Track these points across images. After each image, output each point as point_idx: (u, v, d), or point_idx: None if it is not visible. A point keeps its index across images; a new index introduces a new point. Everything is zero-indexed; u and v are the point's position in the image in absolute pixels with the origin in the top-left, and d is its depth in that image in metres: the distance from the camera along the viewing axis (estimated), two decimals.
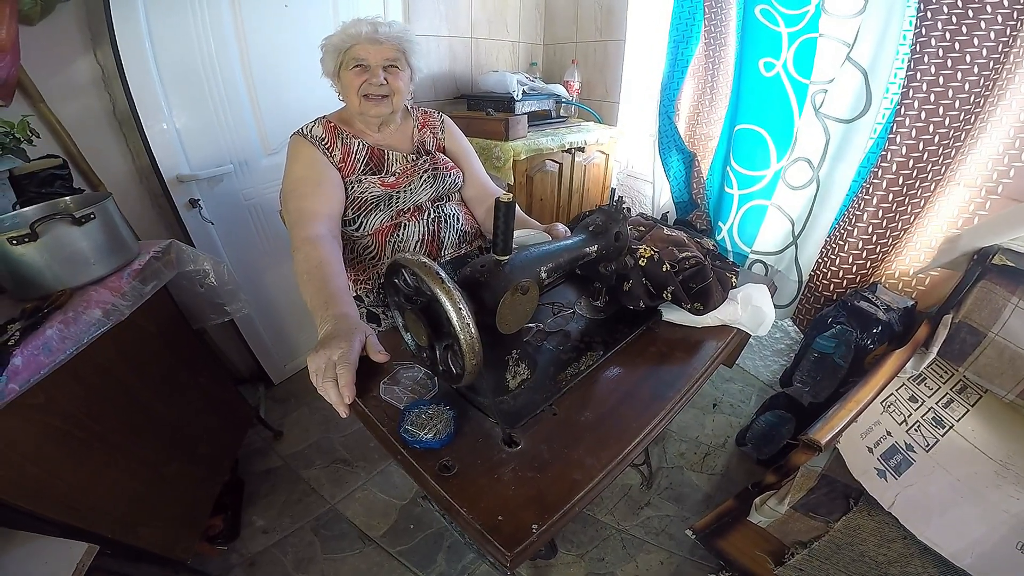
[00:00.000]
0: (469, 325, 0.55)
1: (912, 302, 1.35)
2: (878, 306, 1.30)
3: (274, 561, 1.29)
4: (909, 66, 1.22)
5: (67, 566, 0.85)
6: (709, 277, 0.88)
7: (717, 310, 0.89)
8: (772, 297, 0.97)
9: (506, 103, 1.90)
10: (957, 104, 1.18)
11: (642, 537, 1.35)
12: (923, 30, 1.18)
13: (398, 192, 1.10)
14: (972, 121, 1.18)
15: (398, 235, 1.11)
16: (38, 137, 1.10)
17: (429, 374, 0.76)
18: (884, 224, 1.39)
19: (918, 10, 1.18)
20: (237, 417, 1.51)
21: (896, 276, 1.43)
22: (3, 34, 0.99)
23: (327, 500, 1.46)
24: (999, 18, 1.08)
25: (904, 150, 1.28)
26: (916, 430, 1.14)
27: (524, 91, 1.93)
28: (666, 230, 1.05)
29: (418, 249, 1.12)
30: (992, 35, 1.10)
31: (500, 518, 0.54)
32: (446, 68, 2.14)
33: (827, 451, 1.06)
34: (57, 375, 0.85)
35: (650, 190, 2.16)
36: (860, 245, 1.45)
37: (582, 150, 2.05)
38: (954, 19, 1.13)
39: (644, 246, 0.90)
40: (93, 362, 0.95)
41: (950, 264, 1.29)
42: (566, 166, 2.04)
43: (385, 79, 1.06)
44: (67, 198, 1.06)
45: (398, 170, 1.13)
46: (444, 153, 1.25)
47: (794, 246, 1.59)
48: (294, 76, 1.57)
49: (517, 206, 0.80)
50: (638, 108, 2.26)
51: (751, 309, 0.90)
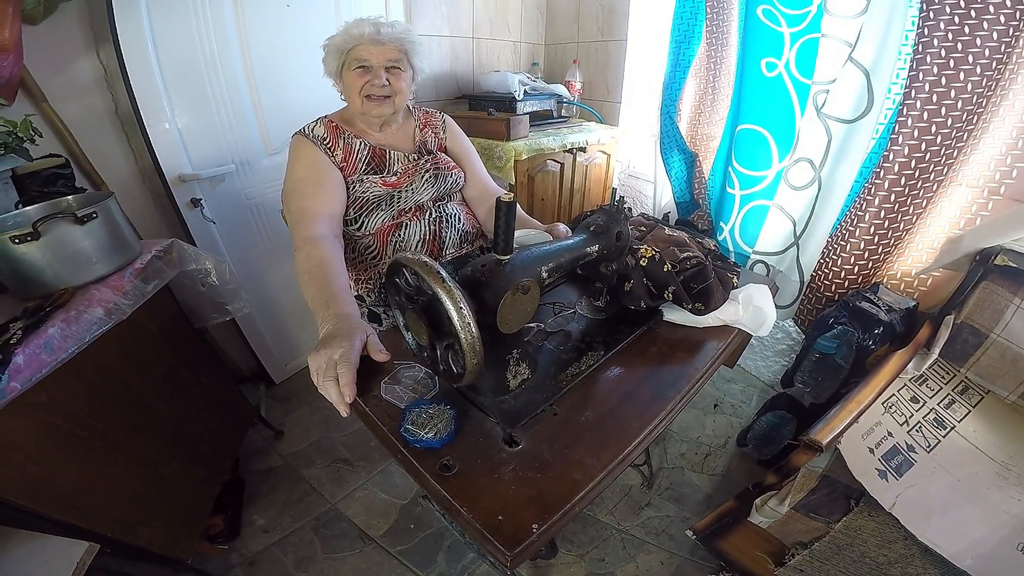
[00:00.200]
0: (470, 324, 0.55)
1: (914, 303, 1.35)
2: (880, 307, 1.30)
3: (274, 560, 1.29)
4: (911, 66, 1.22)
5: (67, 565, 0.86)
6: (710, 277, 0.88)
7: (718, 310, 0.88)
8: (773, 297, 0.97)
9: (508, 103, 1.90)
10: (959, 104, 1.18)
11: (642, 537, 1.35)
12: (925, 30, 1.18)
13: (399, 192, 1.10)
14: (974, 121, 1.18)
15: (399, 235, 1.11)
16: (41, 136, 1.11)
17: (430, 373, 0.76)
18: (886, 225, 1.39)
19: (920, 10, 1.17)
20: (238, 416, 1.51)
21: (898, 277, 1.43)
22: (6, 34, 0.99)
23: (327, 499, 1.46)
24: (1001, 18, 1.08)
25: (906, 150, 1.28)
26: (917, 431, 1.13)
27: (526, 91, 1.93)
28: (667, 230, 1.05)
29: (419, 249, 1.12)
30: (995, 35, 1.10)
31: (500, 518, 0.54)
32: (448, 68, 2.14)
33: (828, 452, 1.06)
34: (59, 374, 0.85)
35: (651, 190, 2.16)
36: (862, 246, 1.44)
37: (583, 150, 2.05)
38: (956, 19, 1.13)
39: (645, 246, 0.90)
40: (95, 361, 0.95)
41: (952, 265, 1.29)
42: (567, 166, 2.04)
43: (387, 80, 1.06)
44: (69, 197, 1.06)
45: (400, 170, 1.13)
46: (446, 153, 1.25)
47: (796, 246, 1.59)
48: (296, 76, 1.57)
49: (518, 206, 0.80)
50: (640, 108, 2.26)
51: (752, 309, 0.90)
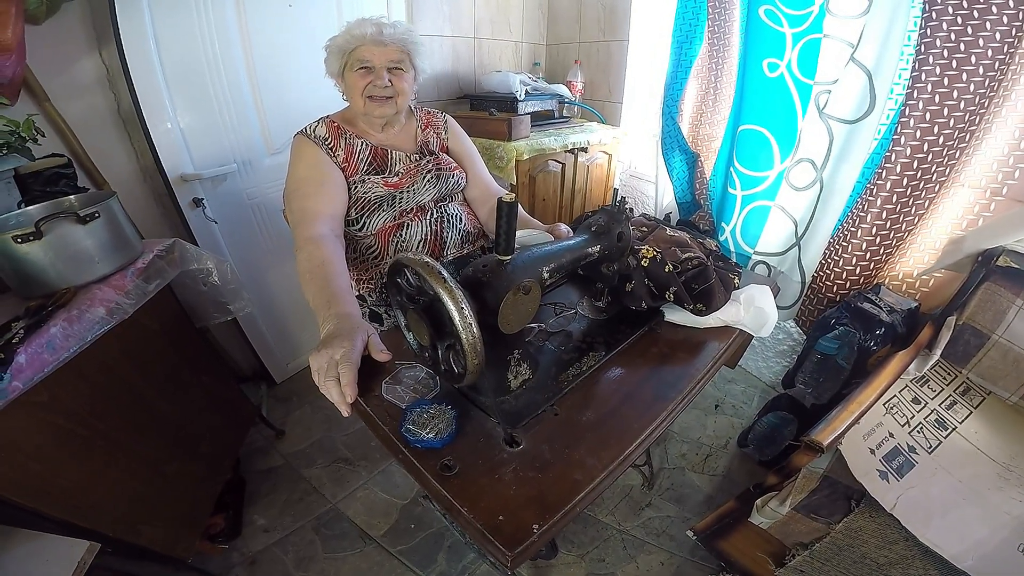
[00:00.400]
0: (471, 324, 0.56)
1: (916, 304, 1.35)
2: (881, 308, 1.30)
3: (275, 560, 1.29)
4: (913, 67, 1.22)
5: (68, 564, 0.86)
6: (712, 278, 0.88)
7: (720, 311, 0.88)
8: (775, 298, 0.97)
9: (509, 103, 1.90)
10: (962, 105, 1.18)
11: (643, 538, 1.35)
12: (928, 31, 1.17)
13: (401, 192, 1.10)
14: (977, 122, 1.18)
15: (401, 235, 1.11)
16: (43, 136, 1.11)
17: (431, 373, 0.76)
18: (888, 225, 1.38)
19: (922, 11, 1.17)
20: (239, 416, 1.51)
21: (900, 278, 1.42)
22: (9, 33, 0.99)
23: (328, 499, 1.46)
24: (1004, 19, 1.08)
25: (908, 151, 1.27)
26: (919, 432, 1.13)
27: (527, 91, 1.93)
28: (669, 231, 1.05)
29: (421, 249, 1.12)
30: (997, 36, 1.10)
31: (501, 518, 0.54)
32: (449, 68, 2.14)
33: (829, 452, 1.06)
34: (60, 373, 0.85)
35: (653, 191, 2.16)
36: (864, 246, 1.44)
37: (585, 150, 2.05)
38: (959, 20, 1.13)
39: (647, 246, 0.90)
40: (96, 360, 0.95)
41: (954, 266, 1.29)
42: (569, 166, 2.04)
43: (390, 80, 1.06)
44: (71, 197, 1.07)
45: (401, 170, 1.13)
46: (447, 153, 1.25)
47: (797, 247, 1.59)
48: (297, 76, 1.58)
49: (520, 206, 0.80)
50: (641, 109, 2.26)
51: (754, 310, 0.90)
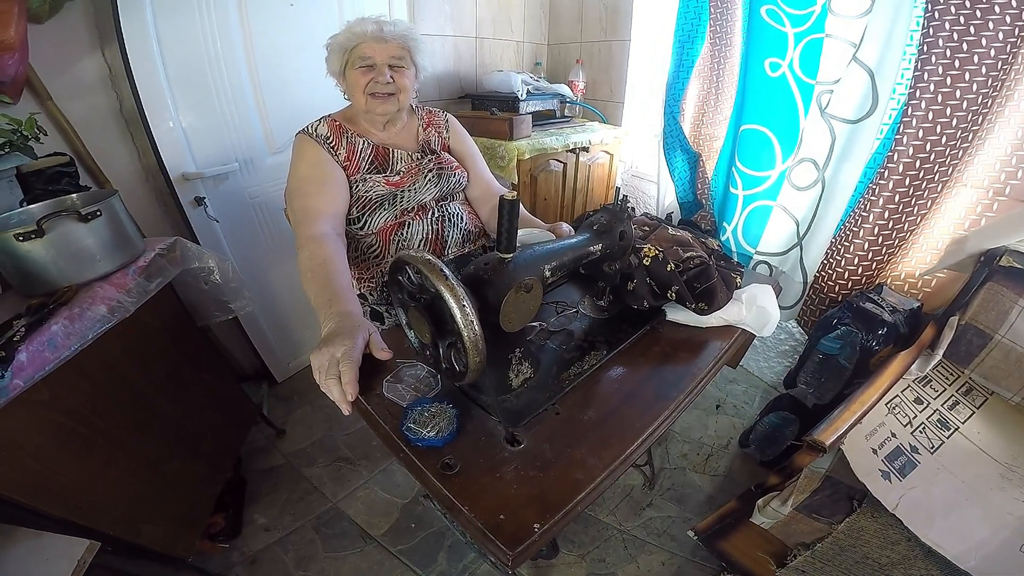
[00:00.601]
0: (473, 322, 0.55)
1: (918, 304, 1.34)
2: (884, 307, 1.29)
3: (275, 559, 1.29)
4: (916, 66, 1.22)
5: (68, 563, 0.86)
6: (713, 277, 0.87)
7: (722, 310, 0.88)
8: (777, 298, 0.97)
9: (510, 103, 1.90)
10: (964, 105, 1.17)
11: (644, 538, 1.34)
12: (930, 30, 1.17)
13: (402, 191, 1.10)
14: (979, 122, 1.17)
15: (402, 234, 1.11)
16: (45, 135, 1.11)
17: (432, 372, 0.76)
18: (890, 225, 1.38)
19: (925, 10, 1.17)
20: (240, 415, 1.51)
21: (902, 278, 1.42)
22: (12, 32, 1.00)
23: (329, 498, 1.46)
24: (1007, 18, 1.08)
25: (911, 151, 1.27)
26: (921, 432, 1.13)
27: (528, 91, 1.93)
28: (671, 230, 1.04)
29: (422, 248, 1.12)
30: (1000, 35, 1.09)
31: (502, 517, 0.54)
32: (451, 68, 2.14)
33: (831, 452, 1.05)
34: (61, 371, 0.85)
35: (654, 190, 2.16)
36: (866, 246, 1.44)
37: (586, 150, 2.04)
38: (961, 19, 1.13)
39: (648, 245, 0.90)
40: (97, 358, 0.95)
41: (956, 266, 1.28)
42: (570, 166, 2.04)
43: (391, 77, 1.06)
44: (73, 195, 1.07)
45: (403, 169, 1.13)
46: (449, 152, 1.25)
47: (799, 247, 1.58)
48: (299, 75, 1.58)
49: (521, 205, 0.80)
50: (643, 108, 2.26)
51: (756, 309, 0.89)
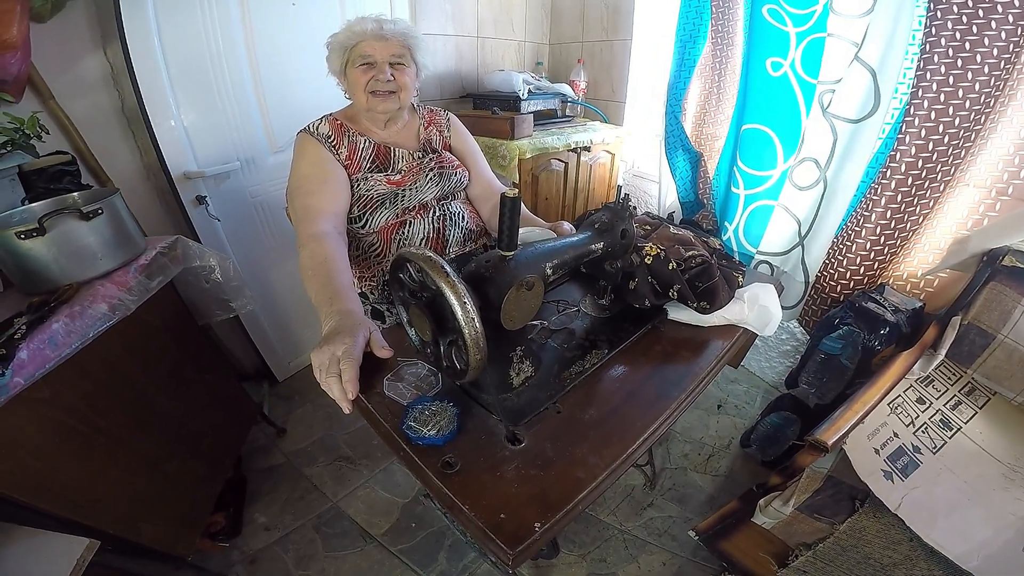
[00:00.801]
0: (474, 320, 0.55)
1: (920, 303, 1.34)
2: (886, 307, 1.29)
3: (275, 558, 1.29)
4: (918, 66, 1.21)
5: (68, 562, 0.85)
6: (715, 276, 0.87)
7: (723, 309, 0.88)
8: (779, 297, 0.96)
9: (512, 102, 1.90)
10: (967, 104, 1.17)
11: (644, 538, 1.34)
12: (933, 30, 1.17)
13: (404, 190, 1.10)
14: (982, 121, 1.17)
15: (403, 233, 1.11)
16: (47, 133, 1.11)
17: (433, 370, 0.76)
18: (892, 225, 1.38)
19: (927, 10, 1.16)
20: (241, 414, 1.51)
21: (904, 277, 1.41)
22: (14, 31, 1.00)
23: (329, 498, 1.46)
24: (1010, 17, 1.07)
25: (913, 150, 1.27)
26: (923, 432, 1.13)
27: (530, 90, 1.93)
28: (672, 229, 1.04)
29: (423, 247, 1.12)
30: (1003, 35, 1.09)
31: (502, 516, 0.54)
32: (452, 67, 2.14)
33: (833, 452, 1.05)
34: (62, 369, 0.85)
35: (656, 190, 2.16)
36: (868, 246, 1.43)
37: (588, 149, 2.04)
38: (964, 19, 1.12)
39: (650, 244, 0.90)
40: (98, 357, 0.95)
41: (959, 265, 1.28)
42: (572, 165, 2.03)
43: (392, 75, 1.06)
44: (75, 194, 1.07)
45: (404, 168, 1.13)
46: (450, 151, 1.25)
47: (800, 247, 1.58)
48: (300, 74, 1.58)
49: (523, 204, 0.79)
50: (644, 108, 2.26)
51: (758, 308, 0.89)
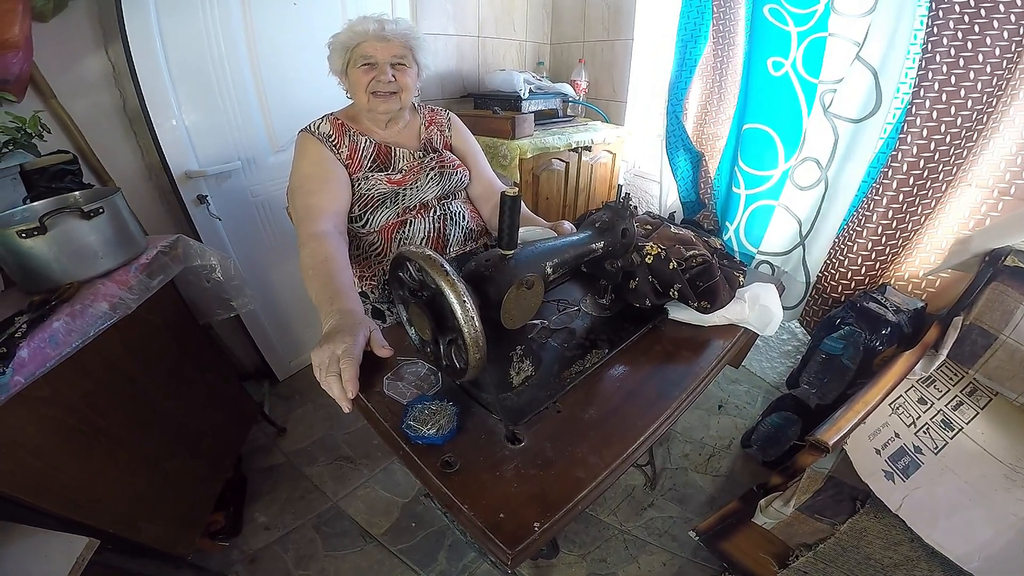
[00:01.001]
0: (473, 318, 0.55)
1: (922, 304, 1.34)
2: (887, 307, 1.28)
3: (275, 558, 1.29)
4: (920, 65, 1.21)
5: (67, 561, 0.85)
6: (716, 275, 0.87)
7: (724, 309, 0.88)
8: (779, 297, 0.96)
9: (513, 102, 1.90)
10: (969, 104, 1.17)
11: (645, 538, 1.34)
12: (935, 29, 1.16)
13: (404, 189, 1.10)
14: (985, 121, 1.17)
15: (404, 232, 1.11)
16: (49, 132, 1.11)
17: (433, 370, 0.76)
18: (894, 225, 1.37)
19: (929, 9, 1.16)
20: (241, 413, 1.51)
21: (906, 278, 1.41)
22: (16, 31, 1.00)
23: (329, 497, 1.46)
24: (1012, 16, 1.07)
25: (915, 150, 1.26)
26: (925, 432, 1.12)
27: (531, 90, 1.93)
28: (673, 228, 1.04)
29: (423, 246, 1.12)
30: (1005, 34, 1.09)
31: (502, 515, 0.54)
32: (453, 67, 2.14)
33: (834, 452, 1.05)
34: (63, 368, 0.85)
35: (657, 190, 2.15)
36: (869, 246, 1.43)
37: (589, 149, 2.04)
38: (966, 18, 1.12)
39: (650, 243, 0.89)
40: (99, 355, 0.95)
41: (961, 266, 1.27)
42: (572, 165, 2.03)
43: (393, 76, 1.06)
44: (76, 193, 1.07)
45: (405, 167, 1.13)
46: (451, 151, 1.25)
47: (801, 247, 1.58)
48: (302, 74, 1.58)
49: (523, 204, 0.79)
50: (645, 108, 2.26)
51: (759, 308, 0.89)
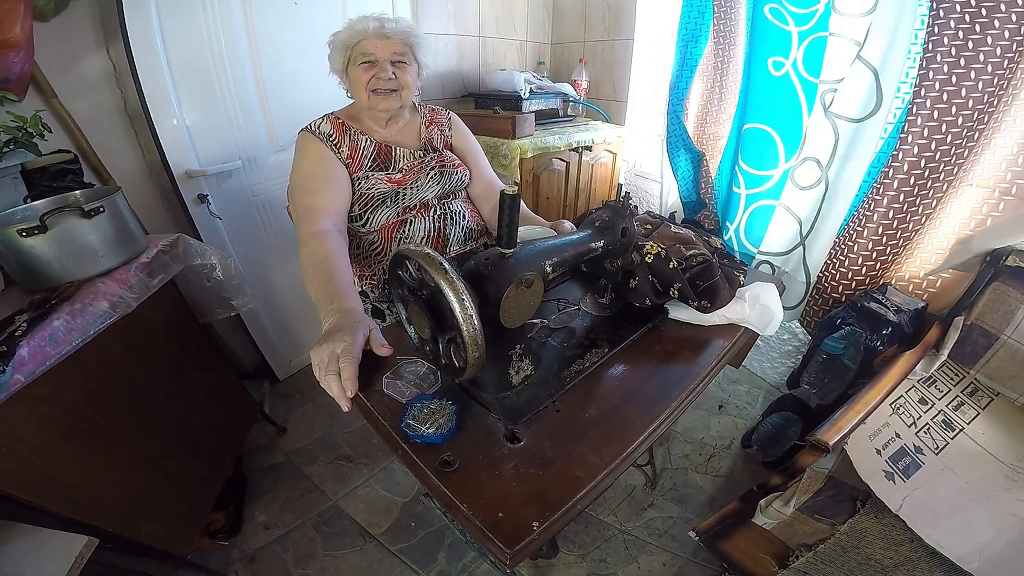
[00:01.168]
0: (472, 317, 0.55)
1: (923, 304, 1.33)
2: (888, 307, 1.28)
3: (275, 557, 1.29)
4: (921, 65, 1.21)
5: (67, 559, 0.85)
6: (716, 275, 0.87)
7: (724, 308, 0.87)
8: (780, 297, 0.96)
9: (513, 101, 1.90)
10: (970, 104, 1.17)
11: (644, 538, 1.34)
12: (935, 29, 1.16)
13: (404, 188, 1.10)
14: (986, 121, 1.16)
15: (404, 231, 1.11)
16: (50, 132, 1.11)
17: (432, 368, 0.76)
18: (895, 225, 1.37)
19: (930, 8, 1.16)
20: (241, 412, 1.51)
21: (907, 278, 1.41)
22: (17, 30, 1.00)
23: (329, 497, 1.46)
24: (1013, 16, 1.07)
25: (916, 150, 1.26)
26: (925, 432, 1.12)
27: (531, 90, 1.93)
28: (673, 228, 1.04)
29: (423, 245, 1.12)
30: (1007, 33, 1.08)
31: (501, 515, 0.54)
32: (454, 66, 2.14)
33: (834, 453, 1.05)
34: (63, 367, 0.85)
35: (658, 189, 2.15)
36: (870, 246, 1.43)
37: (589, 149, 2.04)
38: (967, 17, 1.12)
39: (651, 243, 0.89)
40: (99, 354, 0.95)
41: (962, 266, 1.27)
42: (573, 165, 2.03)
43: (393, 73, 1.06)
44: (77, 192, 1.07)
45: (405, 166, 1.13)
46: (451, 150, 1.25)
47: (802, 247, 1.57)
48: (302, 73, 1.58)
49: (523, 203, 0.79)
50: (646, 107, 2.25)
51: (759, 308, 0.88)
